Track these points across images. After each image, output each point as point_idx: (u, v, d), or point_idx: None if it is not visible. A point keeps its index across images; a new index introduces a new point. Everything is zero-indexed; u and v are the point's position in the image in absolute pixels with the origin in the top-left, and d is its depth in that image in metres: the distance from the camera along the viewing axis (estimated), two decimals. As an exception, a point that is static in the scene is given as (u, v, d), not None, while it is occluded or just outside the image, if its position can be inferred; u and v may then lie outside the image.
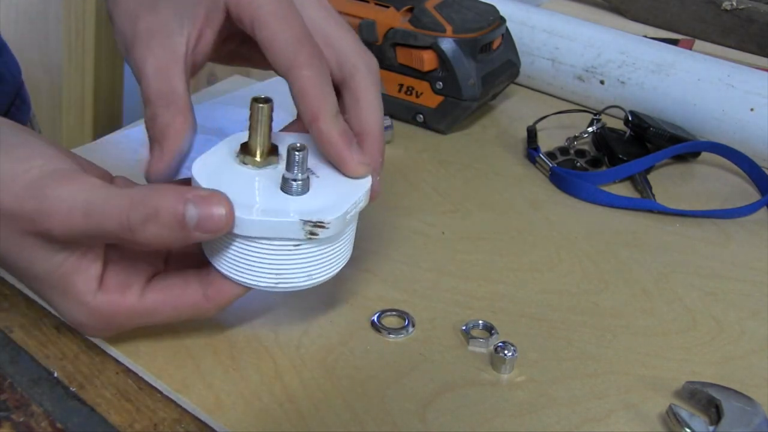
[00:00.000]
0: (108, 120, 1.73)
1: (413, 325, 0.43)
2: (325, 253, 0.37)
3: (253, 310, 0.43)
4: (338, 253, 0.39)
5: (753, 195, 0.61)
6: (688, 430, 0.37)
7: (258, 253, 0.36)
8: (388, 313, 0.43)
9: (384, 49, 0.63)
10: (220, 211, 0.34)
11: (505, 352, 0.40)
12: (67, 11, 1.58)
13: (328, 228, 0.36)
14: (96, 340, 0.40)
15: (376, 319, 0.43)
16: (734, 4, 0.89)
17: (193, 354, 0.40)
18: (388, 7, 0.63)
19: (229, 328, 0.41)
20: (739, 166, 0.63)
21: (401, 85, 0.64)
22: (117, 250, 0.37)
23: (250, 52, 0.44)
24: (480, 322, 0.43)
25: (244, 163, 0.38)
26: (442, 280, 0.47)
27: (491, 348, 0.41)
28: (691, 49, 0.82)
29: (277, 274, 0.37)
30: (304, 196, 0.37)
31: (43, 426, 0.36)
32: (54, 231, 0.33)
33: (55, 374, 0.38)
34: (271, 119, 0.38)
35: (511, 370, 0.41)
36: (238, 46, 0.45)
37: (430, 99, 0.63)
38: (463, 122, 0.66)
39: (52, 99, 1.63)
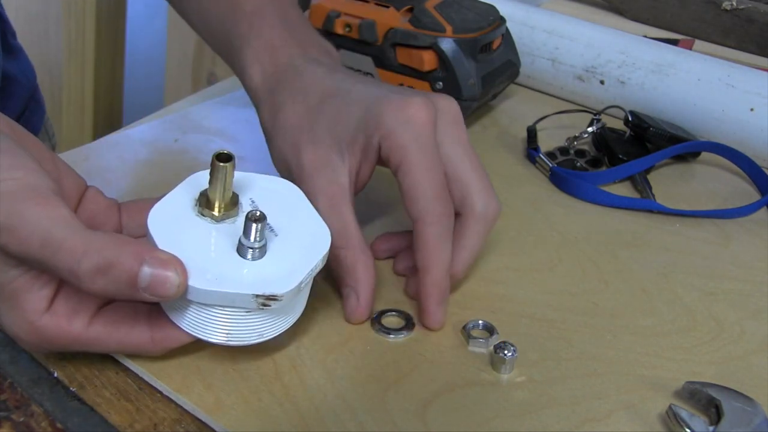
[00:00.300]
0: (108, 120, 1.73)
1: (413, 325, 0.43)
2: (277, 316, 0.38)
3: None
4: (290, 313, 0.39)
5: (753, 195, 0.61)
6: (688, 430, 0.37)
7: (210, 315, 0.36)
8: (389, 313, 0.43)
9: (384, 49, 0.63)
10: (174, 279, 0.33)
11: (505, 352, 0.40)
12: (67, 11, 1.58)
13: (280, 300, 0.35)
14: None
15: (375, 319, 0.43)
16: (734, 4, 0.89)
17: (193, 354, 0.39)
18: (388, 7, 0.63)
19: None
20: (739, 166, 0.63)
21: (401, 85, 0.64)
22: None
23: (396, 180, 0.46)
24: (480, 322, 0.43)
25: (202, 215, 0.37)
26: (442, 280, 0.47)
27: (491, 348, 0.41)
28: (691, 49, 0.82)
29: (227, 333, 0.37)
30: (260, 260, 0.36)
31: (43, 426, 0.36)
32: (9, 248, 0.33)
33: (55, 374, 0.38)
34: (232, 176, 0.37)
35: (511, 370, 0.41)
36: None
37: (430, 99, 0.63)
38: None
39: (52, 99, 1.63)
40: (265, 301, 0.35)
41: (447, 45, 0.61)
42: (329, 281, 0.45)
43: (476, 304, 0.45)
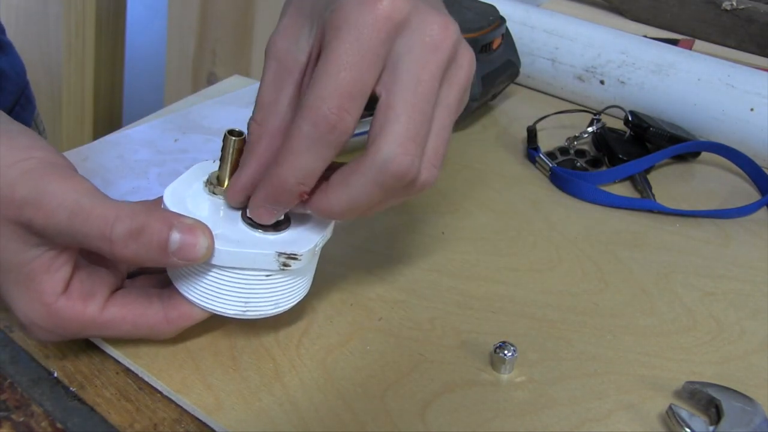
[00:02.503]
0: (108, 120, 1.73)
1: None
2: (293, 282, 0.38)
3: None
4: (304, 282, 0.39)
5: (753, 195, 0.61)
6: (688, 430, 0.37)
7: (229, 282, 0.37)
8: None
9: (384, 49, 0.63)
10: (203, 241, 0.34)
11: (505, 352, 0.40)
12: (67, 11, 1.58)
13: (300, 260, 0.36)
14: (96, 341, 0.40)
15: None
16: (734, 4, 0.89)
17: (193, 354, 0.40)
18: (388, 7, 0.63)
19: (229, 328, 0.41)
20: (739, 166, 0.63)
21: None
22: (87, 257, 0.37)
23: None
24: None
25: (214, 193, 0.38)
26: (442, 280, 0.47)
27: (491, 348, 0.41)
28: (691, 49, 0.82)
29: (245, 302, 0.37)
30: (272, 230, 0.37)
31: (43, 426, 0.36)
32: (36, 222, 0.33)
33: (55, 374, 0.38)
34: (242, 152, 0.38)
35: (511, 370, 0.41)
36: None
37: (430, 99, 0.63)
38: (463, 122, 0.66)
39: (52, 99, 1.63)
40: (286, 260, 0.36)
41: (447, 45, 0.61)
42: (329, 281, 0.45)
43: (476, 304, 0.45)
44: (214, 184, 0.39)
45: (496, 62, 0.65)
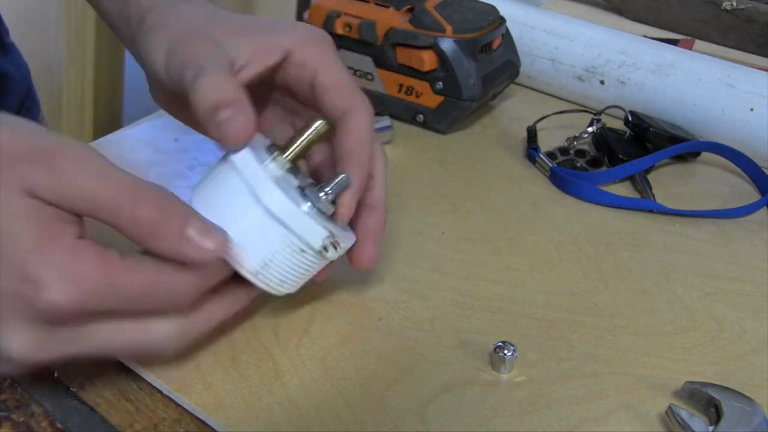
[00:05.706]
0: (108, 120, 1.73)
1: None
2: (311, 269, 0.38)
3: (253, 310, 0.43)
4: (312, 275, 0.39)
5: (753, 195, 0.61)
6: (687, 430, 0.37)
7: (266, 229, 0.35)
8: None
9: (384, 49, 0.63)
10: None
11: (505, 352, 0.40)
12: (67, 11, 1.58)
13: (338, 251, 0.38)
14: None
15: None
16: (734, 4, 0.89)
17: (193, 354, 0.40)
18: (388, 7, 0.63)
19: (229, 328, 0.41)
20: (739, 166, 0.63)
21: (401, 85, 0.64)
22: None
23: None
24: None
25: (275, 161, 0.38)
26: (442, 280, 0.47)
27: (491, 348, 0.41)
28: (691, 49, 0.82)
29: (266, 262, 0.36)
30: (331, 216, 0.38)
31: (43, 426, 0.36)
32: (61, 170, 0.31)
33: (55, 374, 0.38)
34: (318, 141, 0.39)
35: (510, 370, 0.41)
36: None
37: (430, 99, 0.63)
38: (463, 122, 0.66)
39: (52, 99, 1.63)
40: (330, 244, 0.37)
41: (447, 45, 0.61)
42: (329, 281, 0.45)
43: (476, 304, 0.45)
44: (276, 153, 0.38)
45: (496, 62, 0.65)
